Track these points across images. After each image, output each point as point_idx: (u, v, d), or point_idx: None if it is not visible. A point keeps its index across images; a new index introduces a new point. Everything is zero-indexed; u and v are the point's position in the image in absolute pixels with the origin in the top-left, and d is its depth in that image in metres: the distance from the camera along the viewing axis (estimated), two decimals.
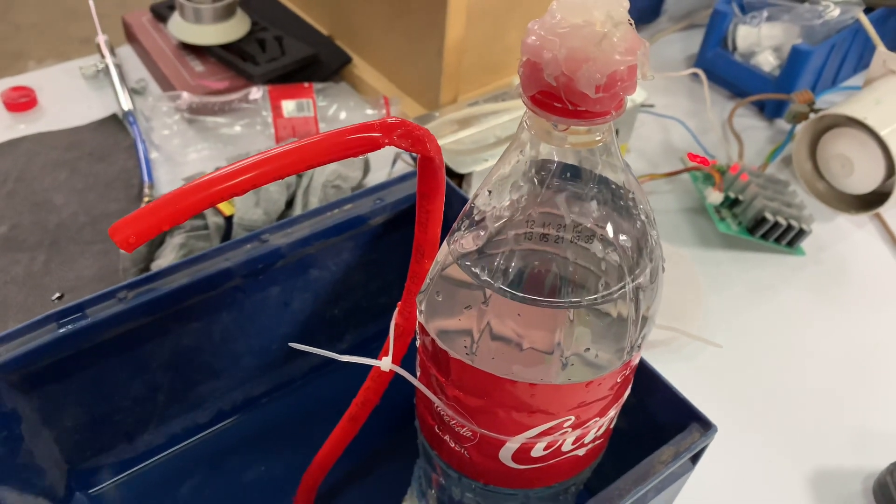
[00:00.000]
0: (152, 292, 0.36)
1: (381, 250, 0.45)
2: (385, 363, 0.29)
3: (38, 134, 0.65)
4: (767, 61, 0.73)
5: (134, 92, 0.69)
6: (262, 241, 0.39)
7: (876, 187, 0.61)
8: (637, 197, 0.24)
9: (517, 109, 0.62)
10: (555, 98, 0.20)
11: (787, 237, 0.59)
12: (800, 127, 0.65)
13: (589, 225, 0.24)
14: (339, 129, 0.23)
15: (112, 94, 0.70)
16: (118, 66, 0.71)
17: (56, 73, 0.71)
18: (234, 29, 0.70)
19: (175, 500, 0.41)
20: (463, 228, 0.25)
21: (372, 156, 0.60)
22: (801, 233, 0.59)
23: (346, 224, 0.41)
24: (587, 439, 0.28)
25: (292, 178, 0.52)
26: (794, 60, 0.69)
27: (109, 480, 0.41)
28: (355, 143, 0.22)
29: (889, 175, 0.60)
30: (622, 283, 0.23)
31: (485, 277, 0.24)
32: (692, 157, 0.63)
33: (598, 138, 0.22)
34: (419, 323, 0.27)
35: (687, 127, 0.69)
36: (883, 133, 0.58)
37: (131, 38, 0.75)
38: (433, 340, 0.26)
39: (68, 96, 0.69)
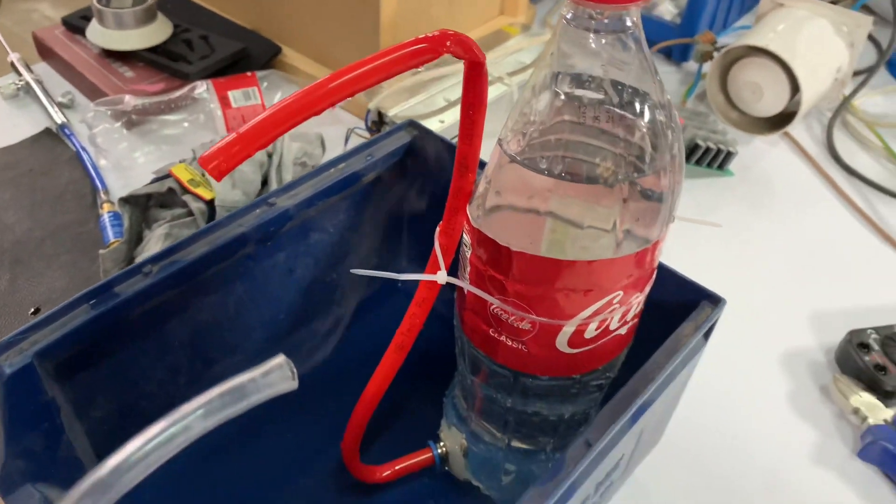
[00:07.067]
0: (175, 264, 0.36)
1: (371, 209, 0.47)
2: (441, 276, 0.31)
3: None
4: (668, 10, 0.79)
5: (62, 106, 0.67)
6: (269, 205, 0.40)
7: (783, 108, 0.68)
8: (662, 88, 0.28)
9: (457, 74, 0.65)
10: None
11: (717, 160, 0.65)
12: (708, 64, 0.71)
13: (628, 115, 0.27)
14: (396, 45, 0.25)
15: (36, 111, 0.68)
16: (39, 82, 0.69)
17: None
18: (157, 32, 0.69)
19: (208, 479, 0.42)
20: (513, 130, 0.27)
21: (325, 135, 0.61)
22: (730, 154, 0.65)
23: (344, 182, 0.42)
24: (629, 316, 0.31)
25: (264, 158, 0.53)
26: (692, 6, 0.76)
27: None
28: (416, 55, 0.24)
29: (793, 94, 0.67)
30: (664, 156, 0.27)
31: (544, 166, 0.26)
32: None
33: (629, 24, 0.25)
34: (473, 232, 0.30)
35: None
36: (786, 56, 0.64)
37: (46, 53, 0.73)
38: (493, 241, 0.28)
39: None
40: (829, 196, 0.65)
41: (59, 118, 0.65)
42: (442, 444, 0.41)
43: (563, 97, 0.26)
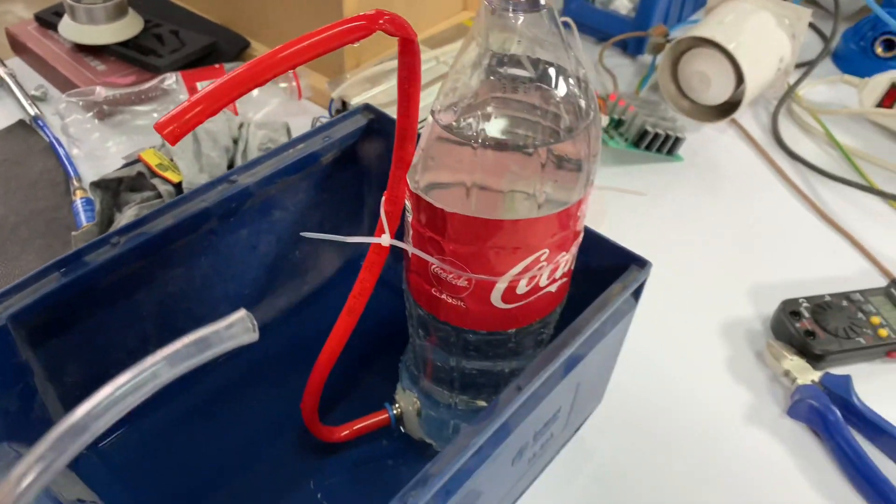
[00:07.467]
0: (141, 236, 0.39)
1: (330, 189, 0.50)
2: (385, 238, 0.33)
3: None
4: (623, 5, 0.82)
5: (35, 99, 0.69)
6: (231, 182, 0.42)
7: (730, 97, 0.72)
8: (577, 63, 0.31)
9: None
10: None
11: (667, 146, 0.68)
12: (660, 56, 0.75)
13: (546, 87, 0.30)
14: (335, 23, 0.28)
15: (10, 104, 0.70)
16: (12, 76, 0.71)
17: None
18: (128, 26, 0.72)
19: (180, 446, 0.44)
20: (443, 105, 0.30)
21: (291, 124, 0.64)
22: (678, 140, 0.68)
23: (302, 161, 0.45)
24: (558, 274, 0.34)
25: (230, 144, 0.55)
26: (646, 1, 0.79)
27: (113, 435, 0.43)
28: (353, 31, 0.27)
29: (739, 83, 0.70)
30: (579, 125, 0.30)
31: (470, 135, 0.29)
32: None
33: (542, 2, 0.28)
34: (413, 197, 0.32)
35: None
36: (730, 47, 0.68)
37: (19, 48, 0.75)
38: (429, 204, 0.31)
39: None
40: (772, 179, 0.69)
41: (32, 110, 0.67)
42: (397, 405, 0.44)
43: (487, 73, 0.29)
